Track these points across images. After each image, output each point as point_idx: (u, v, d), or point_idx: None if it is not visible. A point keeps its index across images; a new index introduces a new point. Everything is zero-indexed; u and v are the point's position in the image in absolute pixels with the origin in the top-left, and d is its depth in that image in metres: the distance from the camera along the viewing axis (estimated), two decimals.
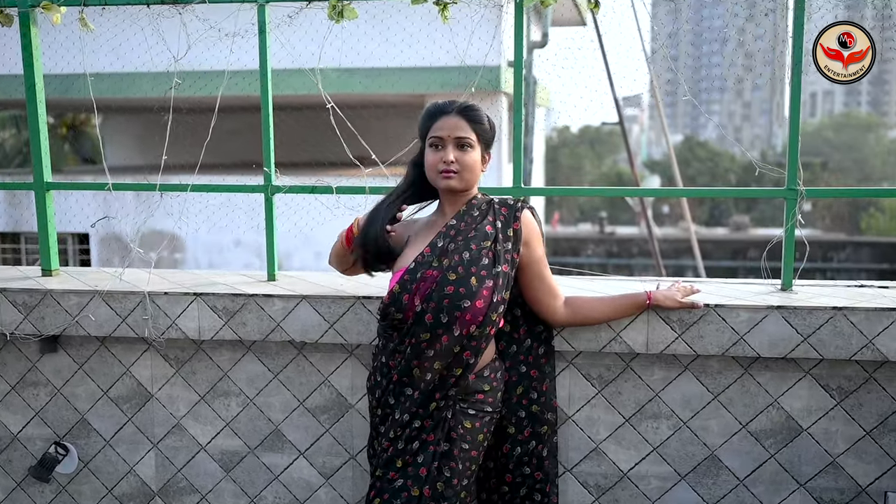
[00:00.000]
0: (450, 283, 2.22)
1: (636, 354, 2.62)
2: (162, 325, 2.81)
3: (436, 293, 2.22)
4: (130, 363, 2.94)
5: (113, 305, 2.83)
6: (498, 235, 2.29)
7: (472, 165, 2.29)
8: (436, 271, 2.25)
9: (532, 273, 2.37)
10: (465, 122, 2.30)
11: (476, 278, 2.23)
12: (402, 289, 2.26)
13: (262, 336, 2.77)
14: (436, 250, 2.28)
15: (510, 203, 2.37)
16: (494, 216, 2.33)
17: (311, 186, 2.93)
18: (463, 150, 2.29)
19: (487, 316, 2.23)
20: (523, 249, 2.33)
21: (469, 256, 2.25)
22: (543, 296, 2.40)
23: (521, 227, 2.33)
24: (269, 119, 2.92)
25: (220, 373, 2.90)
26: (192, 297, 2.79)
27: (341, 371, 2.83)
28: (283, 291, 2.78)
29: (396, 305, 2.26)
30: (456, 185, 2.30)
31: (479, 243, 2.27)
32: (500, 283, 2.25)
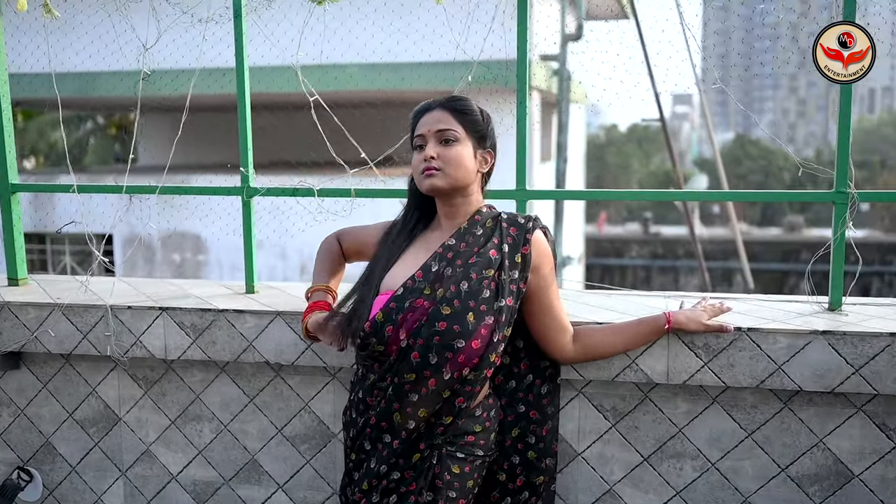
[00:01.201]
0: (442, 318, 1.88)
1: (655, 384, 2.26)
2: (126, 342, 2.54)
3: (425, 329, 1.88)
4: (96, 383, 2.67)
5: (73, 320, 2.56)
6: (504, 262, 1.95)
7: (456, 160, 1.95)
8: (427, 301, 1.91)
9: (540, 304, 2.03)
10: (448, 113, 1.98)
11: (474, 314, 1.89)
12: (385, 318, 1.92)
13: (233, 356, 2.47)
14: (429, 275, 1.94)
15: (520, 222, 2.02)
16: (501, 238, 1.98)
17: (291, 189, 2.62)
18: (447, 144, 1.96)
19: (485, 357, 1.89)
20: (531, 276, 1.99)
21: (468, 287, 1.91)
22: (551, 330, 2.05)
23: (532, 251, 1.98)
24: (245, 114, 2.62)
25: (192, 395, 2.61)
26: (158, 312, 2.50)
27: (323, 396, 2.52)
28: (256, 306, 2.48)
29: (378, 337, 1.93)
30: (439, 184, 1.96)
31: (481, 271, 1.93)
32: (502, 320, 1.91)
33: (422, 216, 2.10)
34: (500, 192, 2.45)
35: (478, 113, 2.00)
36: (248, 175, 2.62)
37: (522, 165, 2.46)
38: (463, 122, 1.98)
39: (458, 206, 2.02)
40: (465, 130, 1.98)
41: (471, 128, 1.98)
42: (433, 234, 2.06)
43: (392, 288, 1.97)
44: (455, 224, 2.02)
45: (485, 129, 2.01)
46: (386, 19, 3.02)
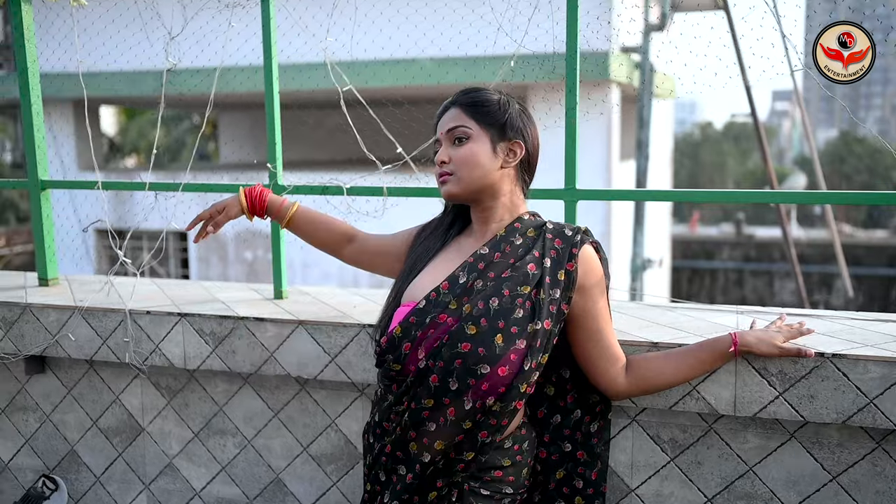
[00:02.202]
0: (466, 339, 1.63)
1: (721, 415, 1.94)
2: (145, 349, 2.39)
3: (446, 349, 1.63)
4: (120, 390, 2.54)
5: (93, 324, 2.43)
6: (544, 279, 1.67)
7: (468, 159, 1.70)
8: (451, 318, 1.66)
9: (586, 329, 1.75)
10: (458, 109, 1.74)
11: (503, 336, 1.62)
12: (404, 334, 1.69)
13: (253, 367, 2.29)
14: (455, 287, 1.69)
15: (567, 234, 1.74)
16: (543, 250, 1.71)
17: (321, 187, 2.41)
18: (459, 143, 1.72)
19: (513, 387, 1.63)
20: (576, 297, 1.71)
21: (498, 304, 1.64)
22: (599, 360, 1.77)
23: (578, 267, 1.70)
24: (273, 110, 2.43)
25: (215, 407, 2.44)
26: (177, 319, 2.34)
27: (350, 413, 2.30)
28: (278, 314, 2.28)
29: (394, 354, 1.70)
30: (453, 190, 1.72)
31: (515, 288, 1.66)
32: (536, 345, 1.64)
33: (458, 218, 1.86)
34: (546, 191, 2.18)
35: (492, 102, 1.73)
36: (275, 172, 2.43)
37: (572, 161, 2.18)
38: (474, 115, 1.72)
39: (489, 209, 1.76)
40: (477, 124, 1.72)
41: (484, 120, 1.72)
42: (467, 241, 1.81)
43: (415, 299, 1.73)
44: (490, 230, 1.77)
45: (502, 117, 1.72)
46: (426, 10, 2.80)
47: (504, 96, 1.77)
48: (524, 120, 1.77)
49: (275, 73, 2.41)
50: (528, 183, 1.81)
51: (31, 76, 2.64)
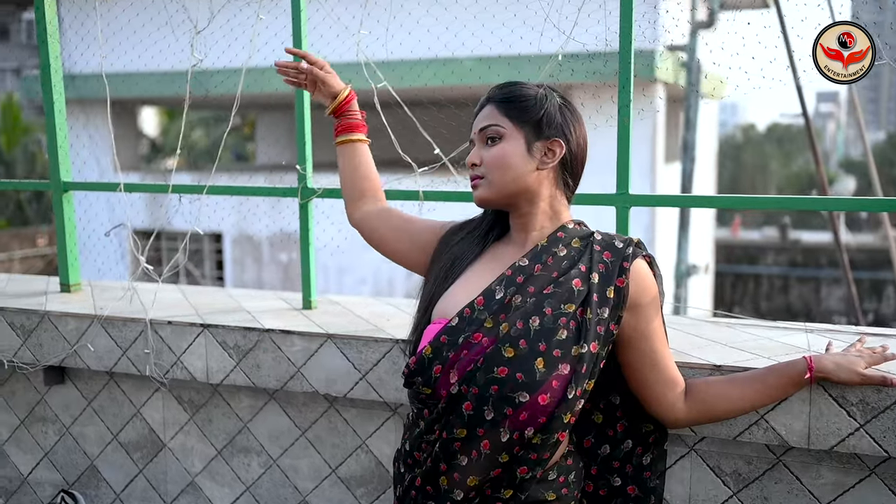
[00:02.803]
0: (503, 363, 1.45)
1: (790, 447, 1.74)
2: (166, 361, 2.25)
3: (481, 374, 1.46)
4: (141, 403, 2.41)
5: (113, 334, 2.31)
6: (591, 296, 1.49)
7: (498, 161, 1.53)
8: (487, 338, 1.48)
9: (639, 351, 1.57)
10: (492, 106, 1.57)
11: (544, 360, 1.45)
12: (434, 355, 1.51)
13: (279, 383, 2.14)
14: (491, 303, 1.51)
15: (617, 246, 1.55)
16: (591, 263, 1.53)
17: None
18: (491, 143, 1.55)
19: (555, 417, 1.45)
20: (628, 316, 1.53)
21: (539, 324, 1.47)
22: (655, 385, 1.59)
23: (629, 283, 1.52)
24: (304, 109, 2.28)
25: (239, 424, 2.30)
26: (199, 330, 2.20)
27: (382, 434, 2.15)
28: (306, 326, 2.13)
29: (424, 376, 1.52)
30: (485, 195, 1.56)
31: (559, 306, 1.48)
32: (581, 371, 1.46)
33: (496, 223, 1.68)
34: (595, 196, 2.01)
35: (528, 97, 1.55)
36: (305, 175, 2.28)
37: (625, 163, 1.99)
38: (508, 111, 1.55)
39: (527, 215, 1.58)
40: (511, 122, 1.54)
41: (518, 116, 1.54)
42: (505, 249, 1.63)
43: (447, 315, 1.56)
44: (530, 239, 1.59)
45: (538, 113, 1.54)
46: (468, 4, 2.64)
47: (543, 90, 1.60)
48: (566, 116, 1.58)
49: None
50: (572, 187, 1.63)
51: (54, 73, 2.53)
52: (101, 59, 2.54)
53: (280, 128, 10.96)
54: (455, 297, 1.58)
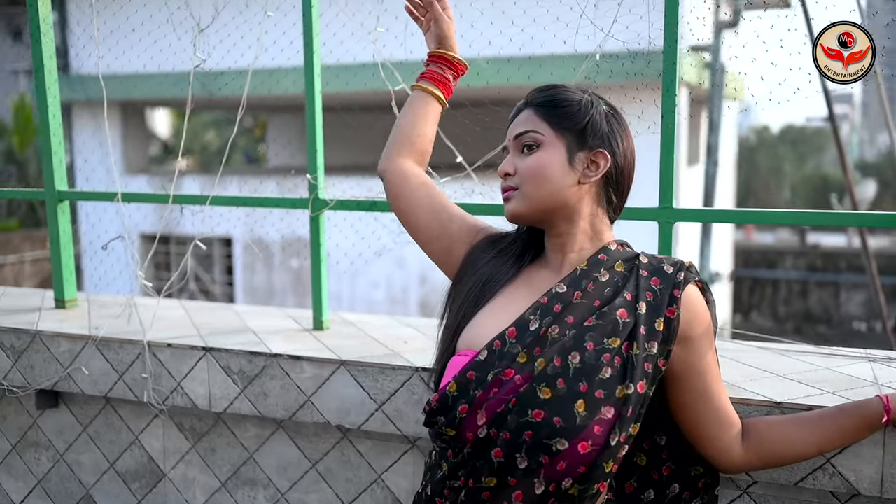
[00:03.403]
0: (539, 405, 1.26)
1: (859, 495, 1.55)
2: (165, 387, 2.08)
3: (513, 416, 1.27)
4: (139, 430, 2.24)
5: (108, 357, 2.13)
6: (638, 329, 1.30)
7: (534, 172, 1.36)
8: (520, 376, 1.29)
9: (691, 389, 1.38)
10: (531, 110, 1.40)
11: (586, 403, 1.26)
12: (460, 392, 1.32)
13: (287, 413, 1.96)
14: (525, 335, 1.32)
15: (666, 271, 1.36)
16: (637, 291, 1.34)
17: (368, 202, 2.08)
18: (527, 152, 1.38)
19: (596, 467, 1.27)
20: (678, 350, 1.35)
21: (580, 361, 1.28)
22: (709, 426, 1.40)
23: (681, 313, 1.33)
24: (314, 109, 2.11)
25: (245, 454, 2.12)
26: (201, 353, 2.03)
27: (399, 468, 1.96)
28: (317, 351, 1.96)
29: (448, 416, 1.33)
30: (518, 209, 1.39)
31: (602, 340, 1.30)
32: (626, 414, 1.27)
33: (532, 241, 1.50)
34: (636, 210, 1.82)
35: (572, 101, 1.38)
36: (316, 184, 2.10)
37: (669, 175, 1.81)
38: (548, 117, 1.37)
39: (565, 235, 1.40)
40: (551, 129, 1.37)
41: (560, 123, 1.36)
42: (540, 273, 1.44)
43: (474, 346, 1.37)
44: (567, 262, 1.41)
45: (582, 120, 1.37)
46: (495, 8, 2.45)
47: (589, 95, 1.42)
48: (612, 125, 1.40)
49: (316, 70, 2.09)
50: (618, 205, 1.45)
51: (48, 74, 2.36)
52: (97, 59, 2.38)
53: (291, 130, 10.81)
54: (483, 326, 1.39)
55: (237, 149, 27.48)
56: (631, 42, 1.79)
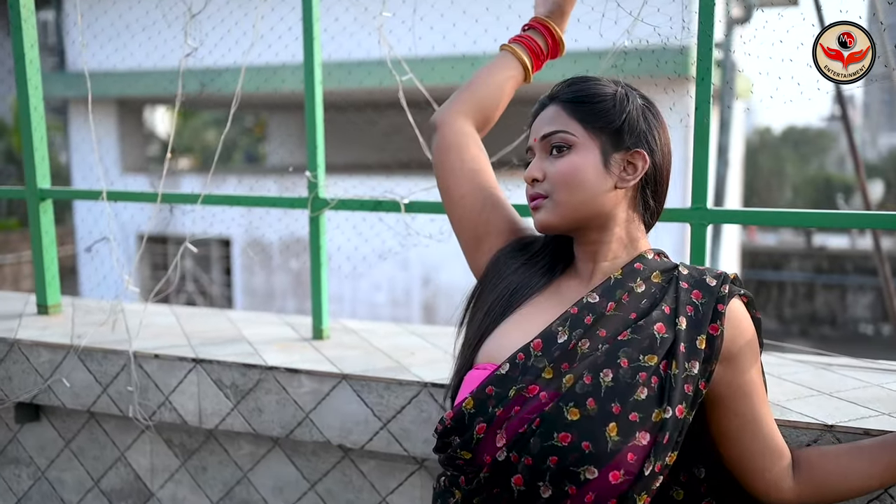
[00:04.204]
0: (566, 427, 1.10)
1: None
2: (153, 401, 1.92)
3: (537, 440, 1.11)
4: (125, 446, 2.08)
5: (92, 368, 1.98)
6: (677, 346, 1.15)
7: (567, 178, 1.21)
8: (546, 393, 1.14)
9: (736, 414, 1.22)
10: (559, 107, 1.24)
11: (618, 426, 1.10)
12: (478, 410, 1.16)
13: (283, 430, 1.81)
14: (552, 348, 1.17)
15: (709, 283, 1.21)
16: (676, 304, 1.19)
17: (372, 201, 1.92)
18: (557, 154, 1.23)
19: (627, 498, 1.10)
20: (721, 369, 1.19)
21: (613, 379, 1.12)
22: (756, 457, 1.24)
23: (725, 330, 1.18)
24: (314, 104, 1.95)
25: (238, 473, 1.97)
26: (191, 365, 1.87)
27: (406, 490, 1.81)
28: (316, 363, 1.80)
29: (464, 436, 1.17)
30: (549, 220, 1.23)
31: (638, 357, 1.14)
32: (663, 441, 1.11)
33: (563, 249, 1.34)
34: (666, 211, 1.66)
35: (606, 96, 1.23)
36: (316, 183, 1.94)
37: (703, 172, 1.65)
38: (579, 114, 1.22)
39: (598, 243, 1.25)
40: (583, 128, 1.22)
41: (593, 121, 1.21)
42: (569, 283, 1.29)
43: (495, 359, 1.22)
44: (599, 270, 1.26)
45: (618, 117, 1.22)
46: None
47: (622, 88, 1.26)
48: (649, 120, 1.25)
49: (317, 60, 1.93)
50: (655, 210, 1.29)
51: (29, 65, 2.20)
52: (117, 58, 2.23)
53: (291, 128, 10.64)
54: (507, 337, 1.24)
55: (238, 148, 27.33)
56: (663, 25, 1.63)
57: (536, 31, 1.48)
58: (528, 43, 1.47)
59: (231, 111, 1.94)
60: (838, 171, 44.07)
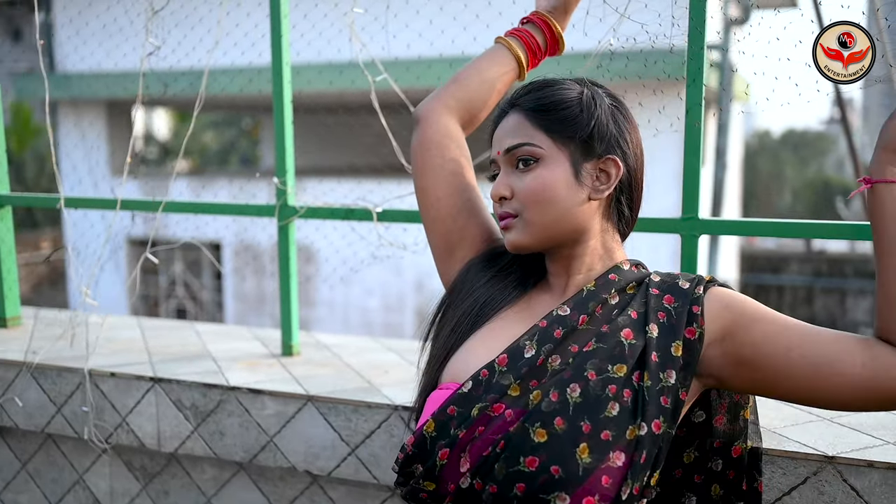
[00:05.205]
0: (532, 450, 0.99)
1: None
2: (109, 422, 1.81)
3: (502, 464, 1.00)
4: (84, 469, 1.96)
5: (46, 386, 1.86)
6: (649, 354, 1.04)
7: (538, 194, 1.10)
8: (511, 410, 1.03)
9: (776, 355, 1.04)
10: (523, 115, 1.13)
11: (589, 446, 0.99)
12: (439, 433, 1.05)
13: (247, 455, 1.69)
14: (519, 364, 1.06)
15: (682, 287, 1.10)
16: (646, 311, 1.08)
17: (344, 209, 1.81)
18: (524, 167, 1.12)
19: None
20: (723, 347, 1.06)
21: (581, 394, 1.01)
22: (828, 352, 1.04)
23: (706, 325, 1.06)
24: (283, 104, 1.84)
25: (202, 498, 1.85)
26: (149, 385, 1.76)
27: None
28: (282, 384, 1.68)
29: (427, 464, 1.07)
30: (521, 241, 1.13)
31: (606, 367, 1.03)
32: (639, 461, 1.00)
33: (532, 264, 1.22)
34: (655, 221, 1.55)
35: (571, 102, 1.12)
36: (285, 190, 1.83)
37: (694, 180, 1.53)
38: (545, 124, 1.11)
39: (571, 258, 1.15)
40: (550, 138, 1.11)
41: (560, 131, 1.11)
42: (542, 297, 1.18)
43: (459, 379, 1.11)
44: (573, 284, 1.15)
45: (587, 124, 1.11)
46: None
47: (587, 88, 1.15)
48: (619, 121, 1.14)
49: (285, 59, 1.82)
50: (629, 217, 1.18)
51: None
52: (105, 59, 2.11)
53: None
54: (472, 354, 1.13)
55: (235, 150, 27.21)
56: (651, 23, 1.51)
57: (535, 25, 1.36)
58: (526, 38, 1.35)
59: (194, 114, 1.82)
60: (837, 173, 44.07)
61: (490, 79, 1.34)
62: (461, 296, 1.22)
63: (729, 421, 1.17)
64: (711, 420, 1.17)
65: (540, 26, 1.36)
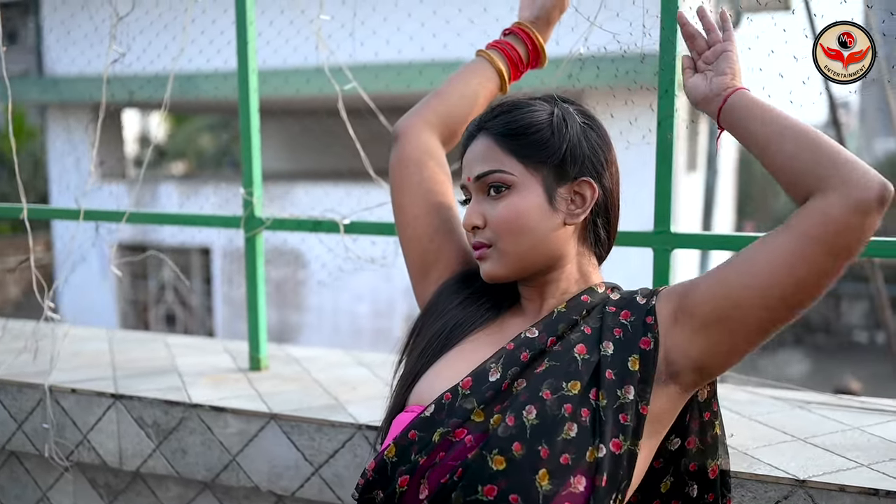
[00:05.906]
0: (491, 478, 0.95)
1: None
2: (70, 439, 1.76)
3: (458, 493, 0.96)
4: (48, 486, 1.91)
5: (6, 402, 1.82)
6: (602, 371, 1.00)
7: (511, 223, 1.07)
8: (472, 436, 0.99)
9: (725, 305, 0.99)
10: (493, 140, 1.09)
11: (550, 471, 0.94)
12: (400, 459, 1.01)
13: (209, 474, 1.65)
14: (483, 387, 1.02)
15: (638, 301, 1.07)
16: (601, 324, 1.05)
17: (311, 221, 1.77)
18: (496, 195, 1.08)
19: None
20: (680, 330, 1.01)
21: (537, 415, 0.97)
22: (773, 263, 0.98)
23: (659, 325, 1.02)
24: (249, 110, 1.80)
25: None
26: (110, 401, 1.71)
27: None
28: (245, 401, 1.64)
29: (387, 489, 1.02)
30: (496, 272, 1.10)
31: (560, 385, 0.99)
32: (601, 484, 0.96)
33: (507, 286, 1.17)
34: (627, 234, 1.50)
35: (541, 125, 1.07)
36: (251, 201, 1.79)
37: (666, 193, 1.49)
38: (515, 149, 1.07)
39: (545, 284, 1.12)
40: (521, 164, 1.07)
41: (530, 155, 1.07)
42: (515, 320, 1.14)
43: (424, 402, 1.07)
44: (546, 307, 1.11)
45: (559, 147, 1.07)
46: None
47: (558, 108, 1.10)
48: (592, 141, 1.10)
49: (251, 66, 1.78)
50: (606, 240, 1.14)
51: None
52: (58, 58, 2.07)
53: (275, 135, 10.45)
54: (439, 377, 1.09)
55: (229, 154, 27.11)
56: (623, 32, 1.47)
57: (517, 37, 1.34)
58: (507, 50, 1.32)
59: (161, 116, 1.79)
60: None
61: (471, 93, 1.31)
62: (433, 317, 1.18)
63: (700, 441, 1.12)
64: (684, 443, 1.13)
65: (522, 38, 1.33)
